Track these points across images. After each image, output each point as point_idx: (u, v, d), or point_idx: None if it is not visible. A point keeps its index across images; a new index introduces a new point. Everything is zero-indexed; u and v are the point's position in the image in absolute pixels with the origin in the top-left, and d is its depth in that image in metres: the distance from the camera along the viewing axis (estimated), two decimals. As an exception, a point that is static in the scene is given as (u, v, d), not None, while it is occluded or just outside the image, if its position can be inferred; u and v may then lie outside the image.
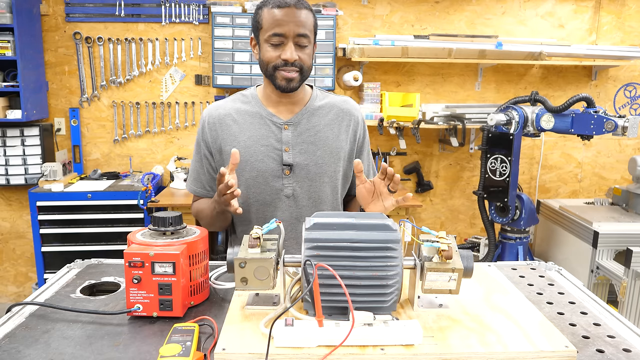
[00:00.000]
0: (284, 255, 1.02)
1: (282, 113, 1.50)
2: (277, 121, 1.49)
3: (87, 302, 1.13)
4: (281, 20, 1.36)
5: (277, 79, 1.41)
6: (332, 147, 1.51)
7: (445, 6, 3.54)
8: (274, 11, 1.37)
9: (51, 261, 3.11)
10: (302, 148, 1.48)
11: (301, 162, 1.48)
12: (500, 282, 1.24)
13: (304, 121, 1.50)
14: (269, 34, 1.38)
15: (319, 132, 1.50)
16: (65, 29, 3.39)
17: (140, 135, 3.53)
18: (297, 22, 1.37)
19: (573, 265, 3.00)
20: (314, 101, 1.54)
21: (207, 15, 3.42)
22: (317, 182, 1.50)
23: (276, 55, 1.39)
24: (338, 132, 1.53)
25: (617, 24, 3.65)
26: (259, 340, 0.89)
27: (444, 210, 3.84)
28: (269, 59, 1.40)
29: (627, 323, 1.07)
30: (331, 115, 1.53)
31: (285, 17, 1.36)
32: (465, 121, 3.36)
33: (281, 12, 1.36)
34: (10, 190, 3.51)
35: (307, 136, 1.49)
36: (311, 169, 1.49)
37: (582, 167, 3.85)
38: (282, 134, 1.48)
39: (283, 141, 1.48)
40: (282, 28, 1.36)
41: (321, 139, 1.50)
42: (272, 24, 1.37)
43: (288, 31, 1.36)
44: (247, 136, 1.48)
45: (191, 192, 1.60)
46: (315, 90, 1.57)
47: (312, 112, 1.52)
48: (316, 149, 1.49)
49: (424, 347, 0.89)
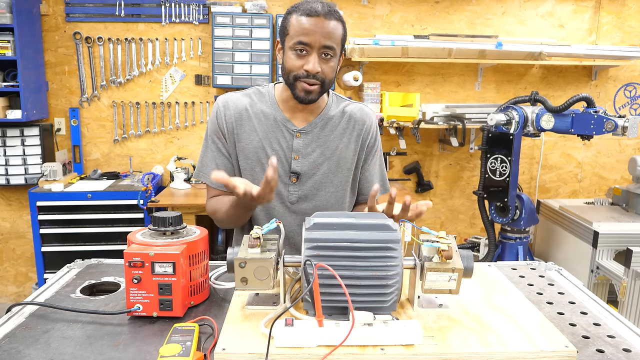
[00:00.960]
0: (284, 255, 1.02)
1: (296, 119, 1.48)
2: (290, 128, 1.46)
3: (87, 302, 1.13)
4: (308, 30, 1.31)
5: (297, 89, 1.38)
6: (341, 158, 1.49)
7: (445, 6, 3.54)
8: (302, 19, 1.32)
9: (51, 261, 3.11)
10: (312, 158, 1.47)
11: (308, 172, 1.47)
12: (500, 282, 1.24)
13: (317, 130, 1.48)
14: (294, 41, 1.33)
15: (329, 141, 1.48)
16: (65, 29, 3.39)
17: (140, 135, 3.53)
18: (324, 33, 1.32)
19: (573, 265, 3.00)
20: (329, 109, 1.50)
21: (207, 15, 3.42)
22: (322, 192, 1.49)
23: (299, 64, 1.35)
24: (348, 142, 1.50)
25: (617, 24, 3.64)
26: (259, 340, 0.89)
27: (444, 210, 3.84)
28: (291, 68, 1.36)
29: (627, 323, 1.07)
30: (343, 124, 1.51)
31: (313, 26, 1.31)
32: (465, 121, 3.36)
33: (309, 21, 1.31)
34: (10, 190, 3.51)
35: (317, 145, 1.47)
36: (317, 179, 1.48)
37: (582, 167, 3.85)
38: (294, 142, 1.46)
39: (294, 149, 1.46)
40: (307, 37, 1.31)
41: (330, 149, 1.48)
42: (299, 32, 1.33)
43: (314, 41, 1.32)
44: (260, 136, 1.46)
45: (211, 186, 1.51)
46: (331, 97, 1.54)
47: (326, 121, 1.49)
48: (325, 159, 1.48)
49: (424, 347, 0.89)
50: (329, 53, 1.35)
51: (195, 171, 1.54)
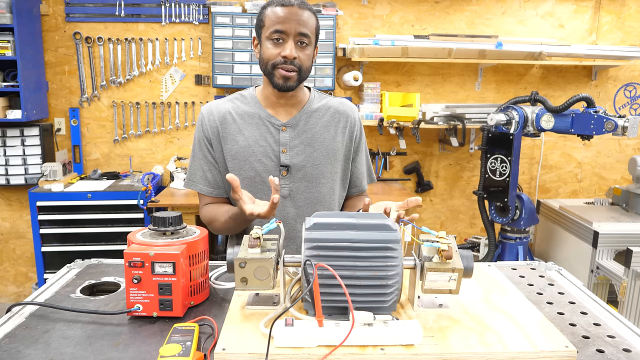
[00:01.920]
0: (284, 255, 1.02)
1: (280, 115, 1.51)
2: (275, 122, 1.50)
3: (87, 302, 1.13)
4: (284, 18, 1.38)
5: (275, 77, 1.42)
6: (329, 149, 1.52)
7: (445, 6, 3.54)
8: (277, 9, 1.39)
9: (51, 261, 3.11)
10: (300, 149, 1.50)
11: (298, 164, 1.49)
12: (500, 282, 1.24)
13: (302, 123, 1.51)
14: (270, 30, 1.39)
15: (316, 133, 1.52)
16: (65, 29, 3.39)
17: (140, 135, 3.53)
18: (299, 21, 1.38)
19: (573, 265, 3.00)
20: (311, 103, 1.55)
21: (207, 15, 3.42)
22: (313, 183, 1.51)
23: (276, 52, 1.40)
24: (334, 134, 1.54)
25: (617, 24, 3.64)
26: (259, 340, 0.89)
27: (444, 210, 3.84)
28: (268, 56, 1.41)
29: (627, 323, 1.07)
30: (328, 116, 1.55)
31: (288, 15, 1.38)
32: (465, 121, 3.36)
33: (284, 10, 1.38)
34: (10, 190, 3.51)
35: (305, 138, 1.51)
36: (308, 170, 1.50)
37: (582, 167, 3.85)
38: (280, 136, 1.49)
39: (281, 142, 1.49)
40: (283, 25, 1.38)
41: (318, 141, 1.51)
42: (274, 21, 1.39)
43: (289, 29, 1.38)
44: (245, 136, 1.49)
45: (203, 193, 1.55)
46: (313, 92, 1.59)
47: (310, 114, 1.53)
48: (313, 151, 1.51)
49: (424, 347, 0.89)
50: (304, 41, 1.41)
51: (185, 180, 1.58)
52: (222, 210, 1.49)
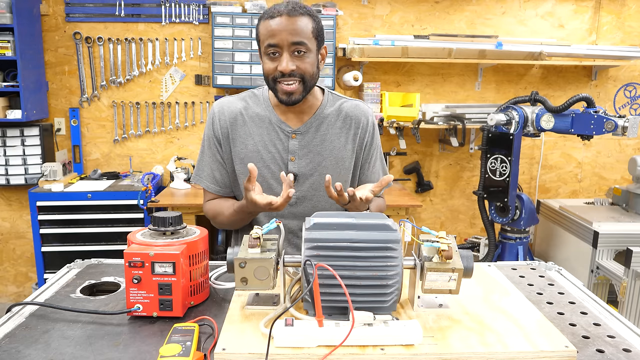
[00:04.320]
0: (284, 255, 1.02)
1: (291, 120, 1.48)
2: (285, 129, 1.47)
3: (87, 302, 1.13)
4: (274, 31, 1.32)
5: (279, 92, 1.39)
6: (338, 157, 1.49)
7: (445, 6, 3.54)
8: (267, 22, 1.34)
9: (51, 261, 3.11)
10: (309, 159, 1.47)
11: (306, 172, 1.48)
12: (500, 282, 1.24)
13: (312, 130, 1.48)
14: (264, 45, 1.35)
15: (326, 141, 1.48)
16: (65, 29, 3.39)
17: (140, 135, 3.53)
18: (289, 31, 1.32)
19: (573, 265, 3.00)
20: (324, 108, 1.50)
21: (207, 15, 3.41)
22: (320, 192, 1.49)
23: (273, 67, 1.36)
24: (345, 141, 1.50)
25: (617, 24, 3.64)
26: (259, 340, 0.89)
27: (444, 210, 3.84)
28: (267, 72, 1.38)
29: (627, 323, 1.07)
30: (339, 122, 1.50)
31: (277, 26, 1.32)
32: (465, 121, 3.36)
33: (274, 22, 1.33)
34: (10, 190, 3.51)
35: (314, 146, 1.48)
36: (315, 179, 1.48)
37: (582, 167, 3.85)
38: (290, 143, 1.47)
39: (290, 150, 1.46)
40: (274, 38, 1.33)
41: (327, 149, 1.48)
42: (266, 36, 1.34)
43: (281, 41, 1.33)
44: (255, 140, 1.47)
45: (208, 190, 1.54)
46: (326, 95, 1.53)
47: (321, 120, 1.49)
48: (322, 159, 1.48)
49: (424, 347, 0.89)
50: (300, 49, 1.35)
51: (193, 175, 1.57)
52: (226, 204, 1.48)
